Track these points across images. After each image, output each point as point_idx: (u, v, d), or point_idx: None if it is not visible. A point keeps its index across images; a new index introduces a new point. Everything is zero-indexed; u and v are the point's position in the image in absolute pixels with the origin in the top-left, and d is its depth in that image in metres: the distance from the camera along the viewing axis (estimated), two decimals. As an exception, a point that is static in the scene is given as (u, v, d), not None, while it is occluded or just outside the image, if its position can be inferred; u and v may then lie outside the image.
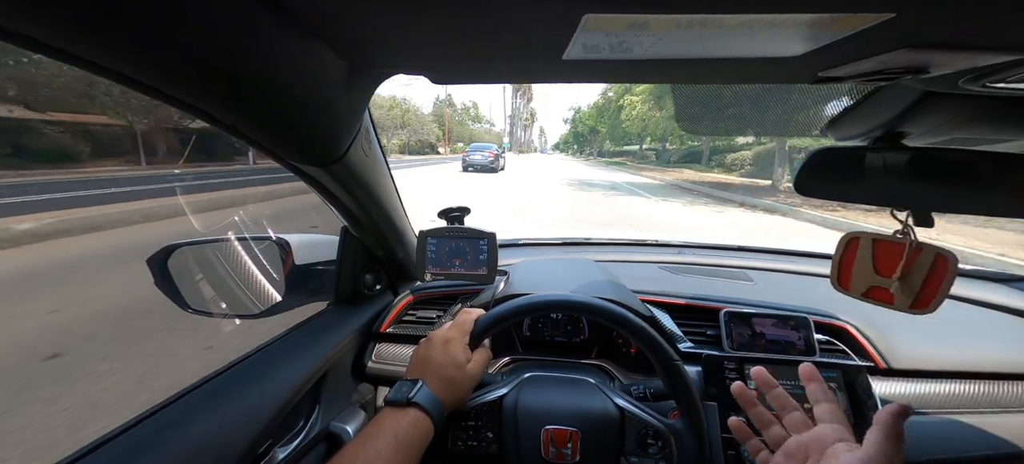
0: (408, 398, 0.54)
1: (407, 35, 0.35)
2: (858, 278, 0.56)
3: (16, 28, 0.25)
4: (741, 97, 0.64)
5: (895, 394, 0.79)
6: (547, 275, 1.00)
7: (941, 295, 0.49)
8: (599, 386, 0.73)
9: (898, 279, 0.51)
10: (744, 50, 0.34)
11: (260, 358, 0.69)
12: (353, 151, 0.55)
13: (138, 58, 0.30)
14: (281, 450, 0.66)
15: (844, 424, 0.45)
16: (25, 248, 4.14)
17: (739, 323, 0.84)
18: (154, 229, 4.90)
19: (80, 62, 0.29)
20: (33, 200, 6.41)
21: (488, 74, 0.45)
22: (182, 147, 14.10)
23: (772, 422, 0.50)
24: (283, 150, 0.47)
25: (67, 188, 7.61)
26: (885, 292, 0.53)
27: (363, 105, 0.53)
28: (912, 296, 0.51)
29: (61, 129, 11.86)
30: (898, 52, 0.30)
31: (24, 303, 2.86)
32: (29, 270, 3.51)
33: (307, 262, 0.88)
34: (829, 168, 0.56)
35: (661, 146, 29.95)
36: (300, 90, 0.39)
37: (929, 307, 0.50)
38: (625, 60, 0.36)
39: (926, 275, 0.50)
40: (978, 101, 0.44)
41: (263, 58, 0.34)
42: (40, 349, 2.23)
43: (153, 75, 0.32)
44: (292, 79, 0.37)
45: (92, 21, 0.26)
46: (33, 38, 0.26)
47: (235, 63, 0.33)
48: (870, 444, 0.38)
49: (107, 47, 0.29)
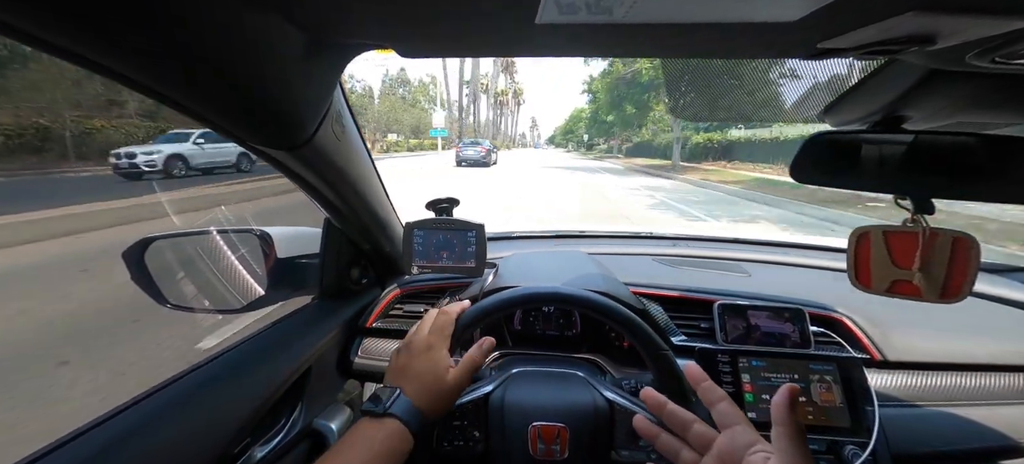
0: (385, 409, 0.51)
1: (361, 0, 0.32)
2: (878, 273, 0.53)
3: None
4: (734, 79, 0.61)
5: (891, 387, 0.78)
6: (537, 268, 0.98)
7: (970, 280, 0.47)
8: (588, 379, 0.71)
9: (919, 270, 0.49)
10: (735, 13, 0.31)
11: (239, 354, 0.66)
12: (322, 134, 0.52)
13: (75, 28, 0.27)
14: (260, 449, 0.64)
15: (744, 421, 0.43)
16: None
17: (733, 315, 0.82)
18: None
19: (8, 30, 0.26)
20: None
21: (457, 44, 0.42)
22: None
23: (679, 448, 0.46)
24: (241, 130, 0.44)
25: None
26: (910, 285, 0.50)
27: (331, 84, 0.50)
28: (938, 285, 0.49)
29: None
30: (905, 17, 0.28)
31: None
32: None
33: (290, 255, 0.85)
34: (826, 154, 0.53)
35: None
36: (253, 65, 0.36)
37: (959, 294, 0.48)
38: (604, 24, 0.33)
39: (948, 262, 0.48)
40: (984, 80, 0.41)
41: (212, 31, 0.31)
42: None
43: (92, 48, 0.29)
44: (243, 53, 0.35)
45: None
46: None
47: (181, 34, 0.30)
48: (782, 448, 0.37)
49: (43, 19, 0.26)
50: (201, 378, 0.59)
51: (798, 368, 0.75)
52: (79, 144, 7.93)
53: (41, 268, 3.75)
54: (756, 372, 0.75)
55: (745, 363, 0.76)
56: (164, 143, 11.25)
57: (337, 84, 0.53)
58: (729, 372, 0.75)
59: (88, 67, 0.31)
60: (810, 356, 0.76)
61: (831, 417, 0.70)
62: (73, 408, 1.89)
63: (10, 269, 3.72)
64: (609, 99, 25.16)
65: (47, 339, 2.50)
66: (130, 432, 0.48)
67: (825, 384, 0.73)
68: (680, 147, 19.72)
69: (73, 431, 0.47)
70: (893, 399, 0.77)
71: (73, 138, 7.54)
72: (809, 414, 0.71)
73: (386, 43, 0.41)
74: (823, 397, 0.72)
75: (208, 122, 0.40)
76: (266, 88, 0.40)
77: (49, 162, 8.03)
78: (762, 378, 0.74)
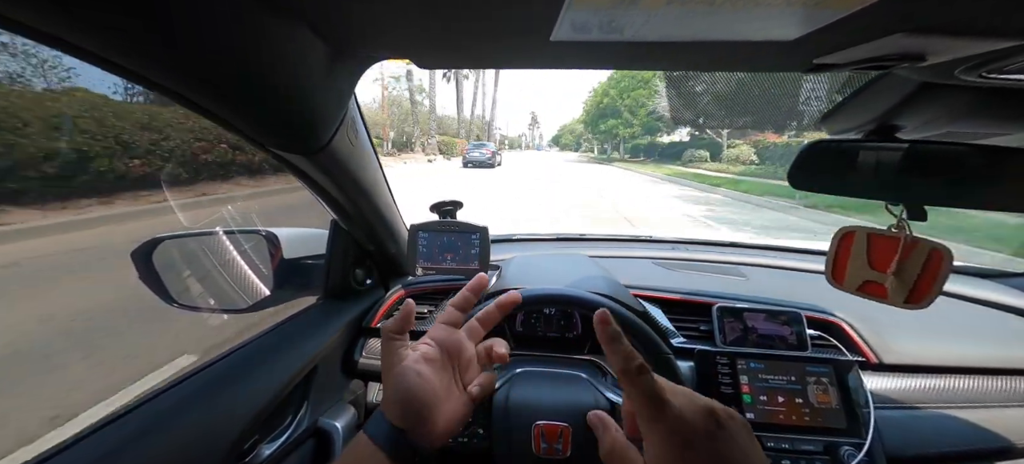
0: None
1: (388, 13, 0.33)
2: (853, 272, 0.55)
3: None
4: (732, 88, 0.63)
5: (887, 389, 0.79)
6: (540, 270, 1.00)
7: (936, 290, 0.49)
8: (590, 381, 0.73)
9: (893, 274, 0.51)
10: (737, 32, 0.33)
11: (246, 353, 0.68)
12: (338, 140, 0.54)
13: (113, 39, 0.29)
14: (267, 446, 0.65)
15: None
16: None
17: (731, 318, 0.83)
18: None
19: (53, 41, 0.28)
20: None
21: (474, 56, 0.44)
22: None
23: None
24: (263, 136, 0.45)
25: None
26: (880, 286, 0.53)
27: (348, 93, 0.51)
28: (907, 291, 0.51)
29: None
30: (894, 37, 0.29)
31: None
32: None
33: (296, 256, 0.86)
34: (821, 162, 0.55)
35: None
36: (280, 73, 0.38)
37: (923, 302, 0.50)
38: (615, 42, 0.35)
39: (921, 270, 0.50)
40: (974, 93, 0.43)
41: (241, 39, 0.33)
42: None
43: (128, 57, 0.30)
44: (271, 61, 0.36)
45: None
46: (6, 17, 0.25)
47: (212, 44, 0.32)
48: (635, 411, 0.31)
49: (81, 27, 0.27)
50: (211, 376, 0.60)
51: (795, 370, 0.76)
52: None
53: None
54: (754, 374, 0.76)
55: (743, 365, 0.77)
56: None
57: (353, 93, 0.55)
58: (727, 374, 0.77)
59: (117, 72, 0.32)
60: (807, 358, 0.77)
61: (827, 418, 0.72)
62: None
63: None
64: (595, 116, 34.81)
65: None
66: (142, 430, 0.49)
67: (821, 386, 0.74)
68: (620, 149, 32.72)
69: (84, 429, 0.48)
70: (889, 401, 0.78)
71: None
72: (806, 415, 0.72)
73: (405, 54, 0.43)
74: (819, 399, 0.73)
75: (231, 127, 0.41)
76: (290, 95, 0.41)
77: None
78: (760, 380, 0.76)
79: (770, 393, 0.74)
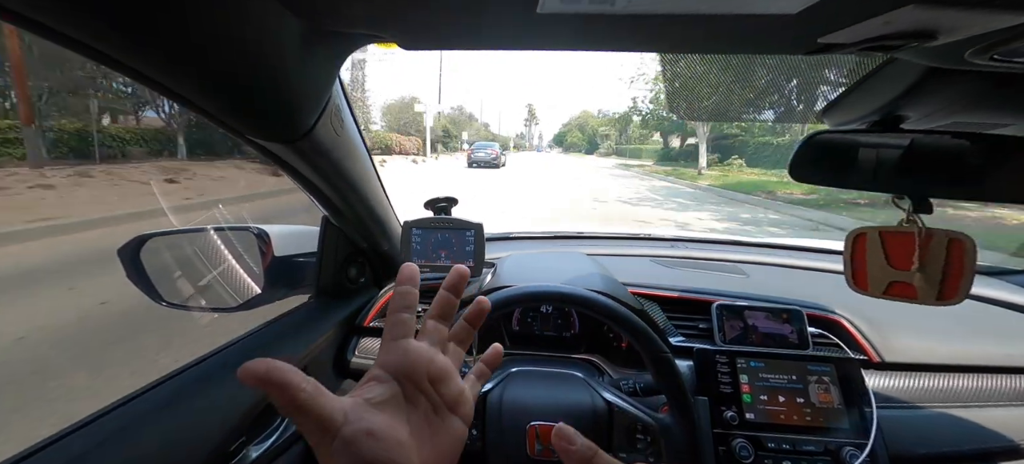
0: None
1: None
2: (875, 275, 0.52)
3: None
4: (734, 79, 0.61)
5: (888, 387, 0.78)
6: (535, 268, 0.98)
7: (967, 281, 0.46)
8: (586, 380, 0.71)
9: (917, 271, 0.48)
10: (736, 4, 0.31)
11: (234, 352, 0.66)
12: (321, 128, 0.52)
13: (70, 12, 0.27)
14: (254, 449, 0.63)
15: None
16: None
17: (731, 316, 0.82)
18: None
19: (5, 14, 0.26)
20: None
21: (460, 36, 0.42)
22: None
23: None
24: (237, 122, 0.44)
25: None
26: (907, 287, 0.50)
27: (330, 76, 0.50)
28: (936, 286, 0.48)
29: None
30: (906, 9, 0.28)
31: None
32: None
33: (287, 253, 0.84)
34: (824, 154, 0.54)
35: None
36: (251, 53, 0.36)
37: (956, 296, 0.47)
38: (605, 14, 0.33)
39: (945, 262, 0.47)
40: (982, 79, 0.42)
41: (206, 13, 0.31)
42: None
43: (83, 30, 0.28)
44: (240, 39, 0.34)
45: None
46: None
47: (174, 17, 0.30)
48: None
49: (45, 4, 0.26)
50: (193, 377, 0.58)
51: (796, 369, 0.74)
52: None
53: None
54: (754, 373, 0.75)
55: (743, 364, 0.76)
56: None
57: (336, 77, 0.53)
58: (727, 373, 0.75)
59: (78, 50, 0.30)
60: (808, 357, 0.76)
61: (829, 418, 0.70)
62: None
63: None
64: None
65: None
66: (122, 429, 0.48)
67: (823, 385, 0.73)
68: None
69: (62, 429, 0.46)
70: (891, 400, 0.77)
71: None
72: (807, 415, 0.71)
73: (385, 34, 0.41)
74: (821, 398, 0.72)
75: (203, 112, 0.39)
76: (263, 77, 0.39)
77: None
78: (760, 379, 0.74)
79: (770, 392, 0.73)
